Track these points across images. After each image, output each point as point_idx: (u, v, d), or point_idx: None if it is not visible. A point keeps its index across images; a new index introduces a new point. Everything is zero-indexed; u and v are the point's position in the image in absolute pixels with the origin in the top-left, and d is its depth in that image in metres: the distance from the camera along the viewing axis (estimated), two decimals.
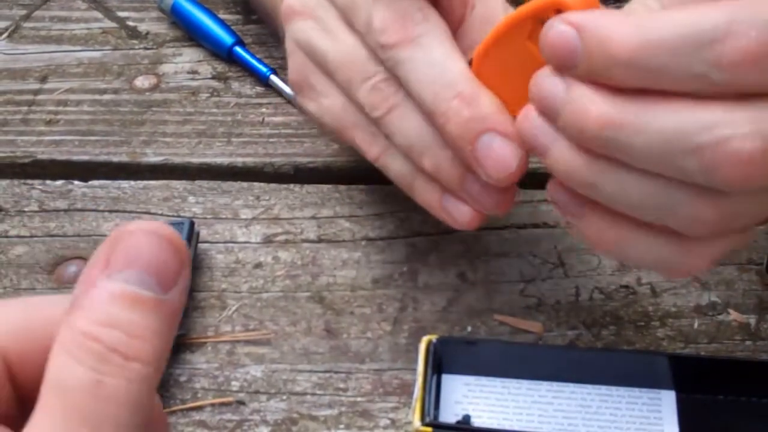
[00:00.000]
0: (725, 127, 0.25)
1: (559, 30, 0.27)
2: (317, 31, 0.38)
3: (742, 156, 0.24)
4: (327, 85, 0.39)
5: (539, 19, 0.29)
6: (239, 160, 0.51)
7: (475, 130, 0.32)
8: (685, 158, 0.25)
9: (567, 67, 0.28)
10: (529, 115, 0.30)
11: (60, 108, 0.54)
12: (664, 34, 0.25)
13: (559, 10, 0.28)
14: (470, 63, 0.34)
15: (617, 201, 0.29)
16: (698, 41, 0.25)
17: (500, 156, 0.32)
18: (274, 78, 0.55)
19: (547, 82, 0.29)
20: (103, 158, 0.51)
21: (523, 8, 0.30)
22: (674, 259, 0.30)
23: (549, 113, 0.29)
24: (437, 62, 0.33)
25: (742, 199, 0.27)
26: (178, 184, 0.50)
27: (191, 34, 0.59)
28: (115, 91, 0.55)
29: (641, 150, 0.26)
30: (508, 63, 0.32)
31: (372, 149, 0.38)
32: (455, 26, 0.36)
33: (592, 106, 0.27)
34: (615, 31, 0.26)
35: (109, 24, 0.61)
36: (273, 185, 0.50)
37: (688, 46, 0.25)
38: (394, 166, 0.37)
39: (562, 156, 0.29)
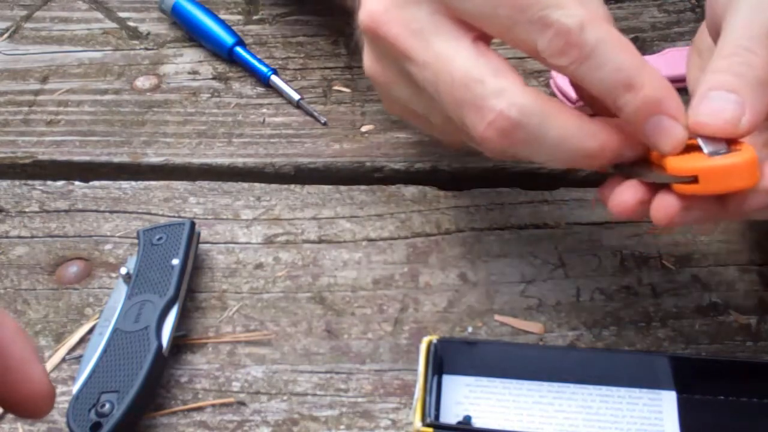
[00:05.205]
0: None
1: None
2: None
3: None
4: None
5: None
6: (240, 161, 0.51)
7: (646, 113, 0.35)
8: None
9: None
10: None
11: (61, 108, 0.55)
12: None
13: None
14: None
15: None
16: None
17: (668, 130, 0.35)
18: (275, 78, 0.55)
19: None
20: (103, 159, 0.51)
21: None
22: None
23: None
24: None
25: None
26: (179, 185, 0.50)
27: (192, 35, 0.59)
28: (116, 92, 0.56)
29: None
30: None
31: None
32: None
33: None
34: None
35: (109, 24, 0.61)
36: (274, 186, 0.50)
37: None
38: None
39: None
